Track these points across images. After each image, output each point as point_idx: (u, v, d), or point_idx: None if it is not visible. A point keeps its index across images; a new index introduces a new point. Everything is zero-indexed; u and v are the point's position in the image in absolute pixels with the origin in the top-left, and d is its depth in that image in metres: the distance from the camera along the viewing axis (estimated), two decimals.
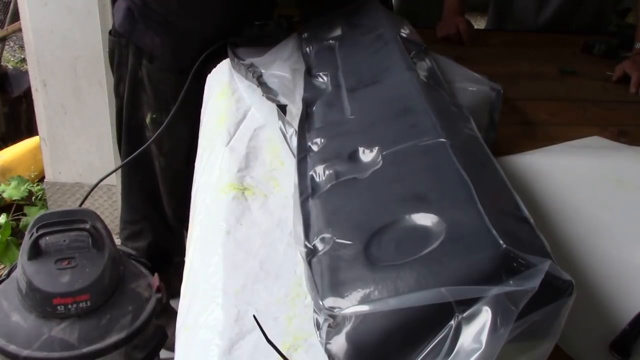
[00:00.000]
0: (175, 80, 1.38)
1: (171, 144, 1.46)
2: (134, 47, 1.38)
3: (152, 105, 1.43)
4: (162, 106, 1.41)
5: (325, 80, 1.00)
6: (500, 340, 0.46)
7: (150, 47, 1.36)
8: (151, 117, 1.43)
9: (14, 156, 2.43)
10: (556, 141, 1.06)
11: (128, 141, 1.49)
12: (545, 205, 0.85)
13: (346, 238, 0.61)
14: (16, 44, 3.75)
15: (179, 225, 1.65)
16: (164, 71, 1.38)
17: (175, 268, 1.70)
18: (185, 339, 0.66)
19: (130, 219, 1.60)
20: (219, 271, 0.70)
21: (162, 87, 1.40)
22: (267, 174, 0.88)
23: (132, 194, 1.58)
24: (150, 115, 1.43)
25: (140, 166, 1.50)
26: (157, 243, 1.60)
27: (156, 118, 1.42)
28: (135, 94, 1.43)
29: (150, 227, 1.59)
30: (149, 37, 1.35)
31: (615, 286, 0.71)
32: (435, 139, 0.70)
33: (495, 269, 0.50)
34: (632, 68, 1.38)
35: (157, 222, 1.61)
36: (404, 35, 1.07)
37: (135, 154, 1.40)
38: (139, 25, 1.35)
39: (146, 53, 1.37)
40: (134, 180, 1.55)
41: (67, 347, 1.14)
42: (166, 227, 1.63)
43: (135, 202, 1.58)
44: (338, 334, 0.52)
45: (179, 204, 1.57)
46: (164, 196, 1.56)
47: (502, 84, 1.03)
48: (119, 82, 1.46)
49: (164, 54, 1.37)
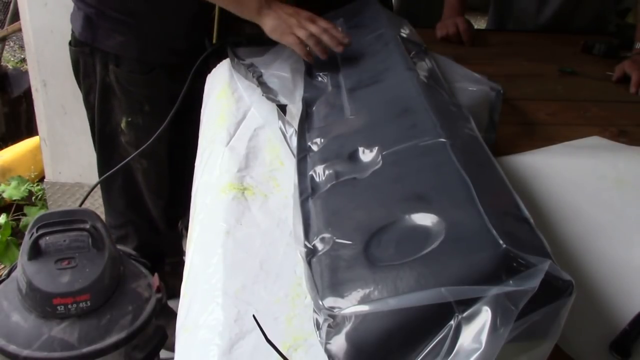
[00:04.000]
0: (144, 80, 1.37)
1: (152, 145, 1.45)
2: (99, 54, 1.36)
3: (125, 109, 1.41)
4: (135, 108, 1.40)
5: (325, 80, 1.00)
6: (500, 340, 0.46)
7: (116, 48, 1.34)
8: (126, 121, 1.41)
9: (14, 156, 2.43)
10: (556, 141, 1.06)
11: (103, 148, 1.47)
12: (545, 205, 0.85)
13: (346, 238, 0.61)
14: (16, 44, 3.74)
15: (169, 227, 1.64)
16: (132, 73, 1.36)
17: (171, 267, 1.71)
18: (185, 339, 0.66)
19: (114, 223, 1.59)
20: (219, 271, 0.70)
21: (133, 89, 1.38)
22: (267, 174, 0.88)
23: (114, 200, 1.55)
24: (125, 120, 1.41)
25: (121, 171, 1.47)
26: (143, 247, 1.57)
27: (132, 121, 1.41)
28: (106, 100, 1.41)
29: (134, 231, 1.58)
30: (113, 38, 1.33)
31: (615, 286, 0.71)
32: (435, 139, 0.70)
33: (495, 269, 0.50)
34: (632, 68, 1.38)
35: (141, 226, 1.59)
36: (404, 36, 1.07)
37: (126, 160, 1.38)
38: (100, 30, 1.33)
39: (112, 57, 1.35)
40: (114, 186, 1.53)
41: (67, 347, 1.14)
42: (152, 230, 1.61)
43: (117, 207, 1.56)
44: (338, 334, 0.52)
45: (167, 204, 1.56)
46: (148, 199, 1.54)
47: (502, 84, 1.03)
48: (88, 93, 1.43)
49: (130, 52, 1.35)
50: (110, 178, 1.50)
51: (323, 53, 1.00)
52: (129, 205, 1.55)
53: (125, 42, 1.33)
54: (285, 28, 1.03)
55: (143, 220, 1.59)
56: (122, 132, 1.43)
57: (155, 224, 1.60)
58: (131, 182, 1.52)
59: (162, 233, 1.64)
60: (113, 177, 1.50)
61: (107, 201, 1.57)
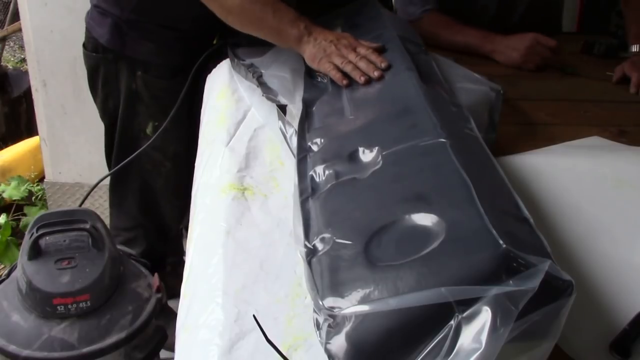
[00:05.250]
0: (170, 84, 1.37)
1: (175, 146, 1.45)
2: (126, 61, 1.35)
3: (153, 113, 1.40)
4: (163, 112, 1.39)
5: (325, 80, 1.00)
6: (500, 340, 0.46)
7: (145, 54, 1.33)
8: (153, 125, 1.41)
9: (14, 156, 2.44)
10: (556, 141, 1.06)
11: (122, 152, 1.45)
12: (545, 205, 0.85)
13: (346, 238, 0.61)
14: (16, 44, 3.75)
15: (176, 225, 1.64)
16: (160, 78, 1.36)
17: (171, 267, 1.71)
18: (185, 339, 0.66)
19: (123, 226, 1.58)
20: (219, 271, 0.70)
21: (161, 94, 1.38)
22: (267, 174, 0.88)
23: (126, 202, 1.54)
24: (152, 124, 1.41)
25: (137, 175, 1.48)
26: (151, 249, 1.57)
27: (158, 125, 1.40)
28: (131, 106, 1.40)
29: (144, 235, 1.57)
30: (143, 45, 1.33)
31: (615, 286, 0.71)
32: (435, 139, 0.70)
33: (495, 269, 0.50)
34: (631, 69, 1.38)
35: (151, 228, 1.59)
36: (403, 36, 1.07)
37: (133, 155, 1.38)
38: (129, 37, 1.32)
39: (140, 63, 1.34)
40: (130, 189, 1.52)
41: (67, 347, 1.14)
42: (161, 232, 1.61)
43: (129, 210, 1.55)
44: (338, 334, 0.52)
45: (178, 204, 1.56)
46: (163, 200, 1.54)
47: (502, 84, 1.03)
48: (107, 99, 1.42)
49: (159, 58, 1.35)
50: (124, 181, 1.50)
51: (360, 77, 0.96)
52: (142, 209, 1.55)
53: (153, 49, 1.33)
54: (323, 56, 1.02)
55: (154, 225, 1.58)
56: (146, 137, 1.42)
57: (166, 229, 1.60)
58: (148, 186, 1.51)
59: (170, 238, 1.65)
60: (128, 180, 1.50)
61: (117, 204, 1.56)
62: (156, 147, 1.41)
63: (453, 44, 1.52)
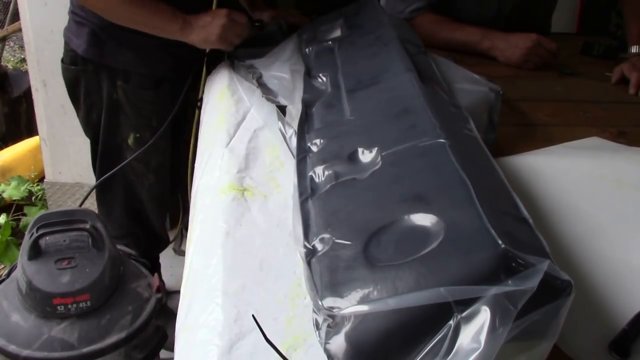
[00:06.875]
0: (153, 95, 1.36)
1: (158, 159, 1.44)
2: (106, 71, 1.32)
3: (134, 125, 1.39)
4: (144, 124, 1.38)
5: (325, 81, 1.00)
6: (499, 340, 0.46)
7: (124, 63, 1.31)
8: (134, 137, 1.39)
9: (14, 156, 2.44)
10: (555, 142, 1.06)
11: (106, 164, 1.45)
12: (544, 206, 0.85)
13: (345, 238, 0.61)
14: (16, 44, 3.75)
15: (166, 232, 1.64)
16: (141, 88, 1.35)
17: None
18: (185, 339, 0.66)
19: (114, 234, 1.56)
20: (219, 272, 0.70)
21: (142, 105, 1.36)
22: (267, 175, 0.88)
23: (114, 213, 1.54)
24: (133, 135, 1.39)
25: (122, 185, 1.47)
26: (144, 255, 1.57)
27: (140, 137, 1.39)
28: (113, 117, 1.38)
29: (134, 242, 1.57)
30: (122, 54, 1.30)
31: (615, 286, 0.71)
32: (434, 140, 0.70)
33: (494, 269, 0.50)
34: (630, 70, 1.38)
35: (141, 236, 1.59)
36: (403, 36, 1.07)
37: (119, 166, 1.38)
38: (107, 45, 1.30)
39: (120, 73, 1.32)
40: (116, 198, 1.51)
41: (67, 347, 1.14)
42: (152, 238, 1.61)
43: (118, 220, 1.55)
44: (337, 334, 0.52)
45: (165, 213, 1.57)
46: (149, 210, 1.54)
47: (502, 84, 1.03)
48: (89, 112, 1.40)
49: (140, 68, 1.33)
50: (110, 192, 1.49)
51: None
52: (130, 217, 1.55)
53: (134, 58, 1.31)
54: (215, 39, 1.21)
55: (144, 233, 1.59)
56: (129, 148, 1.41)
57: (157, 236, 1.61)
58: (134, 197, 1.51)
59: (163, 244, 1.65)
60: (113, 191, 1.49)
61: (105, 213, 1.55)
62: (139, 159, 1.41)
63: (452, 41, 1.52)
